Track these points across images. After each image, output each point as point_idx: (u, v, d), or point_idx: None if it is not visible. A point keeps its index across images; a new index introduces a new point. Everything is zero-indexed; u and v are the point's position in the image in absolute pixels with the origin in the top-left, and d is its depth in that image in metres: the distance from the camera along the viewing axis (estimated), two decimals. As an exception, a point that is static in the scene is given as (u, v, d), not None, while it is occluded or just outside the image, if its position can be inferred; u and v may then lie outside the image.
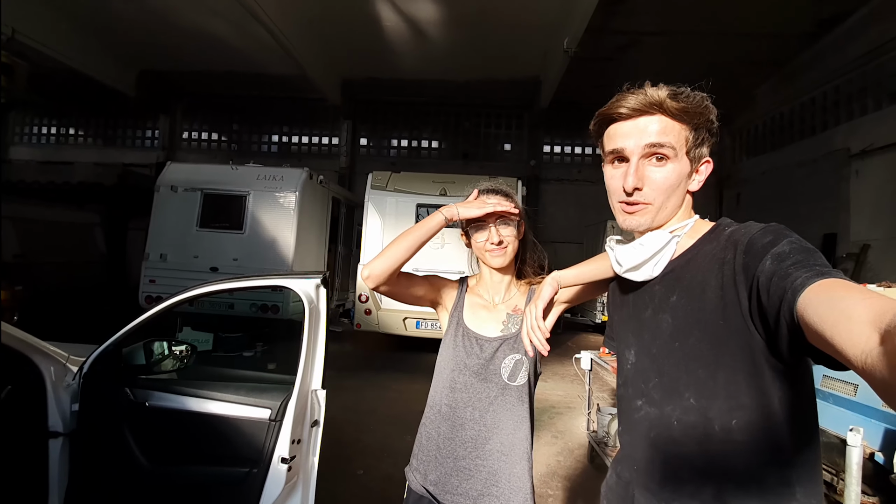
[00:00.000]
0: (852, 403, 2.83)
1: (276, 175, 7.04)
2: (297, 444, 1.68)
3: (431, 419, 1.33)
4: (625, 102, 0.87)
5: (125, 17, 10.21)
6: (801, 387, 0.78)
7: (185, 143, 15.67)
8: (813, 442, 0.80)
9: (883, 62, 8.63)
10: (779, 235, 0.74)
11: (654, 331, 0.91)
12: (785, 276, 0.65)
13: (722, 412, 0.79)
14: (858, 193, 8.95)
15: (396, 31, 10.44)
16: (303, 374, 1.66)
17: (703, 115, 0.86)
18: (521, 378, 1.27)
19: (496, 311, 1.35)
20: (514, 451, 1.26)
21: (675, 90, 0.86)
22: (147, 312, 1.82)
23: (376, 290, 1.25)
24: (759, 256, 0.72)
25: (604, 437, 3.54)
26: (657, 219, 0.90)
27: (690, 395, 0.83)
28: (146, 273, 6.82)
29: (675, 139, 0.86)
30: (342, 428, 4.04)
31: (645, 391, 0.91)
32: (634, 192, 0.88)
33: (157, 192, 7.02)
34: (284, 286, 1.70)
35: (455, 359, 1.30)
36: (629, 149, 0.88)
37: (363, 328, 6.85)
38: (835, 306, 0.54)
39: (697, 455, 0.82)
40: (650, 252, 0.90)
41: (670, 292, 0.88)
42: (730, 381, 0.78)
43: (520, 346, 1.27)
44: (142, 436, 1.76)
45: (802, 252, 0.69)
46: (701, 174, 0.91)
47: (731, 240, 0.81)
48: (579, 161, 15.03)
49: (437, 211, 1.24)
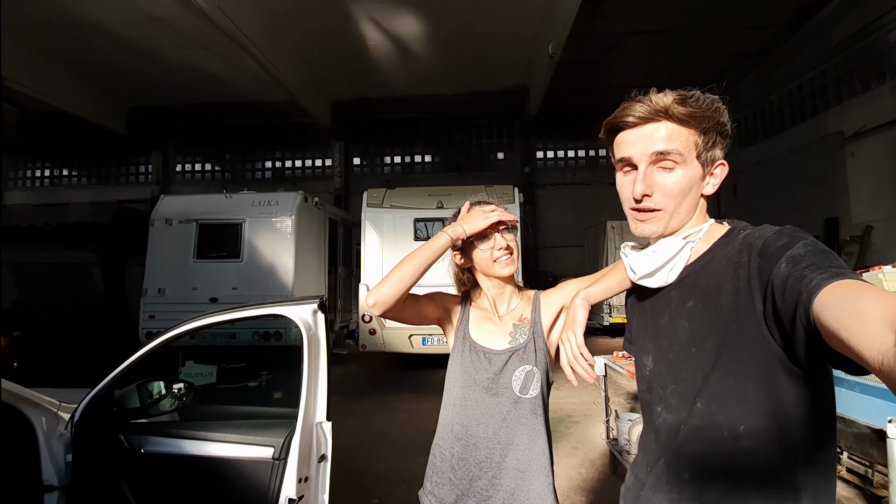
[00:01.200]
0: (882, 391, 2.72)
1: (271, 200, 6.99)
2: (304, 483, 1.57)
3: (444, 439, 1.27)
4: (630, 111, 0.87)
5: (113, 57, 10.29)
6: (819, 391, 0.76)
7: (178, 176, 15.71)
8: (828, 447, 0.79)
9: (867, 44, 8.68)
10: (794, 238, 0.73)
11: (671, 336, 0.90)
12: (800, 279, 0.65)
13: (730, 418, 0.79)
14: (856, 175, 8.91)
15: (382, 50, 10.52)
16: (305, 406, 1.56)
17: (713, 119, 0.85)
18: (533, 389, 1.21)
19: (502, 324, 1.30)
20: (532, 467, 1.19)
21: (683, 95, 0.85)
22: (137, 352, 1.73)
23: (383, 316, 1.20)
24: (773, 260, 0.72)
25: (625, 445, 3.41)
26: (670, 225, 0.89)
27: (699, 401, 0.83)
28: (145, 309, 6.72)
29: (682, 145, 0.85)
30: (353, 456, 3.91)
31: (663, 397, 0.91)
32: (644, 199, 0.88)
33: (151, 226, 6.95)
34: (280, 314, 1.61)
35: (464, 375, 1.25)
36: (636, 156, 0.88)
37: (368, 349, 6.73)
38: (850, 307, 0.54)
39: (702, 459, 0.83)
40: (664, 259, 0.90)
41: (686, 298, 0.88)
42: (739, 386, 0.78)
43: (529, 357, 1.22)
44: (138, 485, 1.66)
45: (817, 254, 0.68)
46: (716, 177, 0.90)
47: (745, 243, 0.81)
48: (573, 164, 15.05)
49: (442, 231, 1.20)
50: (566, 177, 14.81)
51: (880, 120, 8.23)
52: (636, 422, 3.46)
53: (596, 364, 3.74)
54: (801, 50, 10.41)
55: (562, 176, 14.86)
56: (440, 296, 1.35)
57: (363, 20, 9.33)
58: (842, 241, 8.96)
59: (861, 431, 2.90)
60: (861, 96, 8.91)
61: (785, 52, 10.92)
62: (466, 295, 1.37)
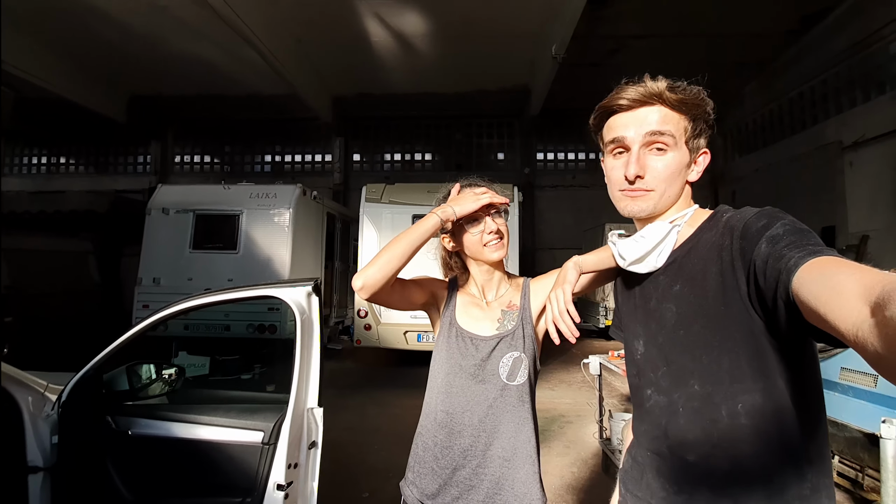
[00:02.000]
0: (873, 395, 2.72)
1: (269, 193, 6.96)
2: (293, 469, 1.55)
3: (427, 427, 1.25)
4: (624, 94, 0.89)
5: (113, 45, 10.22)
6: (807, 368, 0.79)
7: (177, 167, 15.62)
8: (820, 423, 0.81)
9: (868, 54, 8.70)
10: (773, 218, 0.75)
11: (660, 320, 0.91)
12: (779, 258, 0.66)
13: (727, 397, 0.80)
14: (854, 185, 8.92)
15: (385, 46, 10.49)
16: (297, 391, 1.54)
17: (701, 107, 0.89)
18: (520, 376, 1.19)
19: (490, 309, 1.27)
20: (518, 456, 1.17)
21: (673, 83, 0.88)
22: (127, 333, 1.70)
23: (370, 300, 1.16)
24: (754, 240, 0.74)
25: (618, 445, 3.40)
26: (658, 205, 0.91)
27: (695, 382, 0.84)
28: (139, 298, 6.67)
29: (674, 128, 0.87)
30: (345, 449, 3.89)
31: (654, 380, 0.92)
32: (636, 181, 0.89)
33: (148, 215, 6.91)
34: (272, 295, 1.59)
35: (449, 361, 1.22)
36: (630, 138, 0.89)
37: (363, 344, 6.71)
38: (826, 283, 0.55)
39: (704, 440, 0.83)
40: (651, 244, 0.91)
41: (674, 281, 0.90)
42: (734, 365, 0.79)
43: (518, 343, 1.20)
44: (125, 467, 1.63)
45: (796, 233, 0.70)
46: (699, 165, 0.93)
47: (727, 226, 0.83)
48: (573, 166, 15.05)
49: (431, 212, 1.16)
50: (566, 178, 14.81)
51: (879, 130, 8.25)
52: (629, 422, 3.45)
53: (591, 363, 3.75)
54: (802, 59, 10.43)
55: (561, 178, 14.85)
56: (427, 280, 1.32)
57: (366, 15, 9.30)
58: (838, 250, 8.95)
59: (852, 436, 2.90)
60: (861, 106, 8.93)
61: (786, 61, 10.94)
62: (454, 281, 1.34)
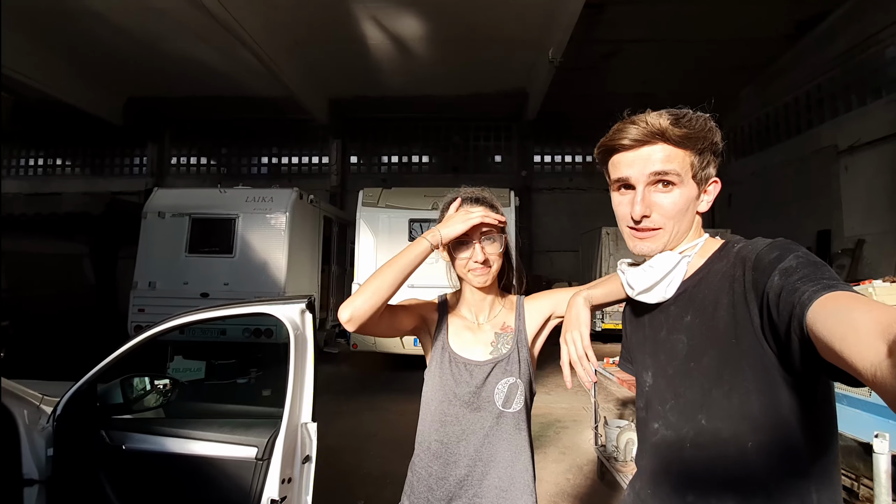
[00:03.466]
0: (868, 405, 2.73)
1: (266, 196, 6.95)
2: (287, 484, 1.55)
3: (421, 458, 1.20)
4: (626, 133, 0.86)
5: (111, 47, 10.20)
6: (821, 405, 0.77)
7: (173, 169, 15.59)
8: (833, 463, 0.79)
9: (863, 59, 8.76)
10: (785, 250, 0.74)
11: (670, 352, 0.89)
12: (793, 291, 0.65)
13: (737, 434, 0.78)
14: (849, 189, 8.98)
15: (382, 49, 10.50)
16: (291, 406, 1.54)
17: (707, 139, 0.85)
18: (517, 403, 1.15)
19: (482, 332, 1.23)
20: (515, 486, 1.13)
21: (677, 115, 0.84)
22: (122, 347, 1.70)
23: (358, 332, 1.08)
24: (767, 272, 0.72)
25: (613, 452, 3.41)
26: (669, 244, 0.90)
27: (703, 417, 0.82)
28: (134, 302, 6.65)
29: (679, 166, 0.85)
30: (340, 456, 3.88)
31: (662, 413, 0.90)
32: (643, 220, 0.87)
33: (144, 218, 6.89)
34: (266, 313, 1.59)
35: (443, 389, 1.17)
36: (634, 177, 0.87)
37: (360, 348, 6.70)
38: (842, 319, 0.54)
39: (710, 477, 0.81)
40: (661, 274, 0.90)
41: (684, 312, 0.88)
42: (744, 401, 0.77)
43: (513, 368, 1.16)
44: (119, 483, 1.63)
45: (809, 266, 0.68)
46: (709, 194, 0.91)
47: (739, 256, 0.82)
48: (570, 169, 15.09)
49: (421, 237, 1.12)
50: (563, 181, 14.84)
51: (875, 135, 8.31)
52: (625, 428, 3.46)
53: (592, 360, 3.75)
54: (798, 63, 10.49)
55: (558, 181, 14.89)
56: (416, 304, 1.27)
57: (364, 18, 9.31)
58: (833, 254, 9.03)
59: (848, 444, 2.91)
60: (856, 111, 8.99)
61: (782, 66, 11.00)
62: (444, 302, 1.29)
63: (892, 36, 8.03)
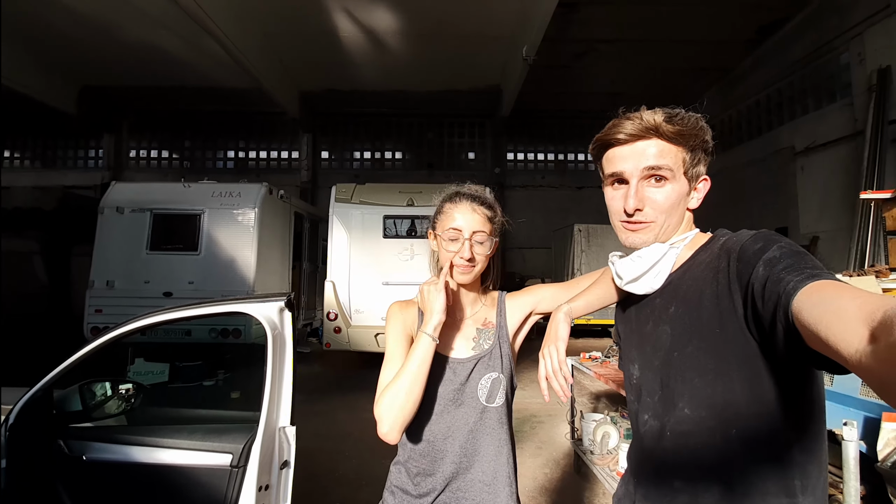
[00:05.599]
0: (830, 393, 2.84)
1: (233, 191, 6.69)
2: (264, 492, 1.47)
3: (406, 456, 1.20)
4: (622, 128, 0.88)
5: (64, 31, 9.62)
6: (807, 392, 0.77)
7: (132, 162, 14.88)
8: (818, 449, 0.79)
9: (819, 65, 9.21)
10: (769, 241, 0.75)
11: (656, 343, 0.91)
12: (777, 281, 0.66)
13: (722, 422, 0.79)
14: (805, 188, 9.43)
15: (355, 42, 10.30)
16: (268, 410, 1.46)
17: (699, 137, 0.88)
18: (499, 398, 1.16)
19: (463, 328, 1.22)
20: (498, 479, 1.15)
21: (671, 113, 0.87)
22: (81, 350, 1.57)
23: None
24: (751, 263, 0.73)
25: (590, 446, 3.44)
26: (660, 237, 0.91)
27: (685, 405, 0.83)
28: (91, 302, 6.29)
29: (672, 161, 0.87)
30: (315, 457, 3.78)
31: (651, 405, 0.91)
32: (636, 213, 0.89)
33: (101, 214, 6.52)
34: (243, 312, 1.50)
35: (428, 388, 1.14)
36: (628, 171, 0.89)
37: (333, 347, 6.56)
38: (828, 307, 0.55)
39: (694, 465, 0.83)
40: (648, 264, 0.91)
41: (669, 303, 0.90)
42: (728, 390, 0.78)
43: (496, 363, 1.17)
44: (79, 497, 1.50)
45: (792, 256, 0.69)
46: (699, 192, 0.94)
47: (724, 248, 0.83)
48: (543, 167, 15.26)
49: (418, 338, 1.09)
50: (535, 179, 15.00)
51: (829, 137, 8.74)
52: (601, 422, 3.50)
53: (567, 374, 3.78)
54: (759, 67, 10.93)
55: (531, 178, 15.04)
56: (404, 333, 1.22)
57: (336, 9, 9.11)
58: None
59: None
60: (812, 114, 9.45)
61: (744, 69, 11.45)
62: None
63: (845, 43, 8.46)
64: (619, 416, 3.56)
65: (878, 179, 7.15)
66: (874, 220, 6.52)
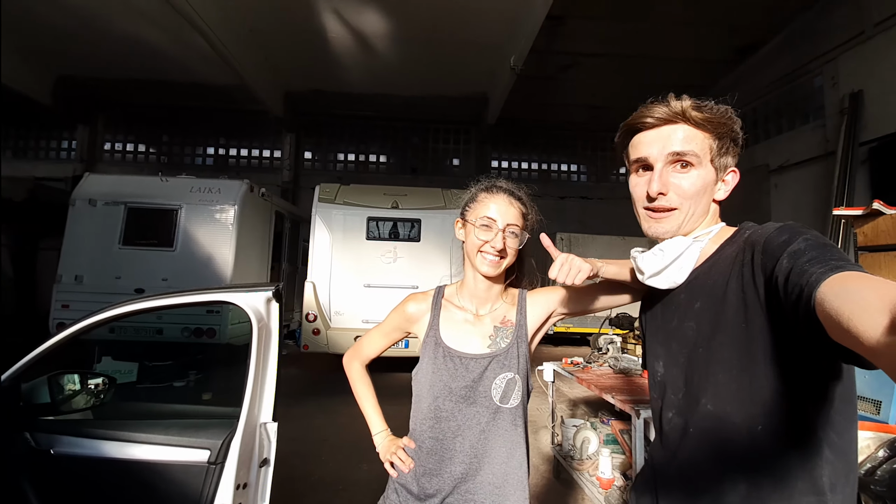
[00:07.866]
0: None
1: (213, 187, 6.54)
2: (242, 490, 1.41)
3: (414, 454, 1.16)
4: (649, 113, 0.88)
5: (42, 17, 9.28)
6: (836, 387, 0.75)
7: (106, 155, 14.41)
8: (848, 445, 0.77)
9: (794, 86, 9.59)
10: (794, 233, 0.73)
11: (681, 339, 0.89)
12: (802, 273, 0.64)
13: (747, 418, 0.77)
14: (778, 204, 9.77)
15: (342, 44, 10.24)
16: (250, 404, 1.41)
17: (727, 125, 0.87)
18: (514, 399, 1.12)
19: (481, 324, 1.18)
20: (509, 482, 1.11)
21: (698, 102, 0.87)
22: (52, 339, 1.49)
23: None
24: (775, 256, 0.72)
25: (570, 451, 3.45)
26: (684, 226, 0.89)
27: (708, 402, 0.81)
28: (58, 297, 6.04)
29: (698, 147, 0.86)
30: (290, 462, 3.68)
31: (676, 402, 0.90)
32: (659, 198, 0.88)
33: (72, 206, 6.29)
34: (228, 301, 1.44)
35: (437, 384, 1.13)
36: (653, 156, 0.88)
37: (311, 350, 6.44)
38: (850, 297, 0.54)
39: (720, 463, 0.80)
40: (671, 258, 0.89)
41: (694, 299, 0.88)
42: (754, 385, 0.76)
43: (512, 363, 1.13)
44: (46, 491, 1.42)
45: (818, 248, 0.68)
46: (727, 184, 0.92)
47: (749, 241, 0.82)
48: (526, 175, 15.39)
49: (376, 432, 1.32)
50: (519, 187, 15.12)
51: (802, 157, 9.09)
52: (581, 427, 3.51)
53: (545, 370, 3.79)
54: (737, 86, 11.30)
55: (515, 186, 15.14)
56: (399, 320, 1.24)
57: (324, 10, 9.04)
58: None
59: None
60: (786, 133, 9.82)
61: (724, 87, 11.82)
62: (440, 295, 1.24)
63: (819, 67, 8.83)
64: (599, 421, 3.58)
65: (849, 197, 7.45)
66: (844, 235, 6.78)
